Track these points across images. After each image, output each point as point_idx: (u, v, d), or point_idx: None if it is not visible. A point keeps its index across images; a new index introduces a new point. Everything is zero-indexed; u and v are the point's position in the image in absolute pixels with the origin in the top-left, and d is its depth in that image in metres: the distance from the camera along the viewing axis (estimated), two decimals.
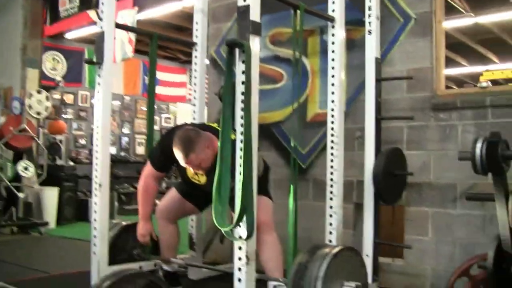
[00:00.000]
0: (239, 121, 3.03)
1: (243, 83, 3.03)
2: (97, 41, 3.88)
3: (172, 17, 10.60)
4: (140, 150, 13.85)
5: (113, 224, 4.41)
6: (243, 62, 3.04)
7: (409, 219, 4.64)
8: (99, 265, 3.73)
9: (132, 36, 7.94)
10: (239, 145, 3.02)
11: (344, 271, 3.23)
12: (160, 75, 13.77)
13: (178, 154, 3.67)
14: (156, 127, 13.82)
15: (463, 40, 9.88)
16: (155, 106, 14.18)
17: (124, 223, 4.58)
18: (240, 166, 2.98)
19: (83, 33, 10.96)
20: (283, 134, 5.41)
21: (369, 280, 3.89)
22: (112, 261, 3.91)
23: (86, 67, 12.38)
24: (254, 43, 3.10)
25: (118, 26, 4.31)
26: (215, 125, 4.02)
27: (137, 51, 11.90)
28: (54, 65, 11.96)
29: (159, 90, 13.92)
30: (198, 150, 3.64)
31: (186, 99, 14.44)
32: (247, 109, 2.99)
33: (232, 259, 5.05)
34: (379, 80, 4.38)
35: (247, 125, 2.98)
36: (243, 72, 3.04)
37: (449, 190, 4.44)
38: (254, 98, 3.07)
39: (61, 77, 11.25)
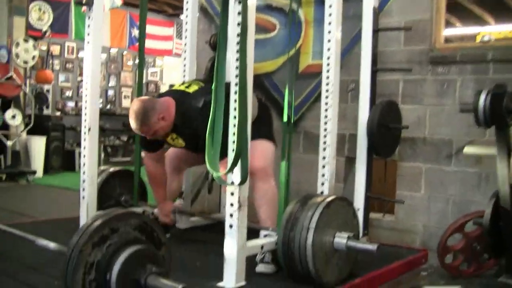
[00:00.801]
0: (234, 64, 2.92)
1: (238, 24, 2.91)
2: None
3: None
4: (126, 103, 13.68)
5: (100, 171, 4.32)
6: (239, 2, 2.92)
7: (402, 174, 4.58)
8: (88, 209, 3.64)
9: None
10: (234, 88, 2.92)
11: (336, 222, 3.18)
12: (147, 28, 13.52)
13: (132, 125, 3.61)
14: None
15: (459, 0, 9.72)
16: None
17: (111, 169, 4.51)
18: (235, 110, 2.89)
19: None
20: (274, 85, 5.30)
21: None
22: (100, 208, 3.81)
23: (72, 18, 12.19)
24: None
25: None
26: (183, 86, 3.92)
27: (124, 2, 11.74)
28: (40, 15, 11.76)
29: (146, 43, 13.70)
30: (151, 123, 3.57)
31: (173, 53, 14.28)
32: (243, 52, 2.87)
33: (220, 209, 5.10)
34: (376, 31, 4.26)
35: (242, 70, 2.87)
36: (239, 13, 2.92)
37: (444, 146, 4.38)
38: (250, 40, 2.95)
39: (49, 27, 11.06)
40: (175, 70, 13.76)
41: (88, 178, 3.63)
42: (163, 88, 15.02)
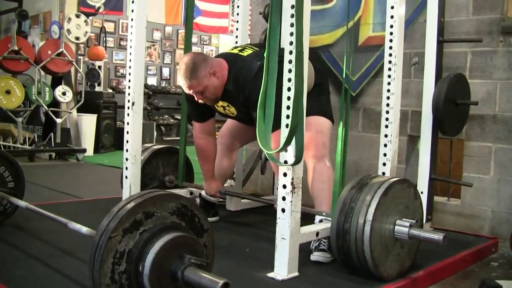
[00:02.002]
0: (288, 29, 2.64)
1: None
2: None
3: None
4: None
5: (143, 148, 4.12)
6: None
7: (469, 155, 4.22)
8: (131, 189, 3.45)
9: None
10: (288, 57, 2.63)
11: (396, 208, 2.86)
12: (201, 4, 13.37)
13: (180, 80, 3.39)
14: None
15: None
16: (196, 38, 14.02)
17: (155, 146, 4.28)
18: (289, 81, 2.60)
19: None
20: (331, 59, 5.00)
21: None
22: (142, 189, 3.65)
23: None
24: None
25: None
26: (236, 50, 3.65)
27: None
28: None
29: (201, 20, 13.54)
30: (201, 76, 3.33)
31: (229, 31, 14.00)
32: (299, 16, 2.59)
33: (273, 191, 4.85)
34: None
35: (298, 34, 2.58)
36: None
37: None
38: (306, 4, 2.66)
39: (102, 4, 10.94)
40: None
41: (131, 157, 3.44)
42: None
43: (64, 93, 8.24)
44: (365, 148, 4.57)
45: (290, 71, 2.61)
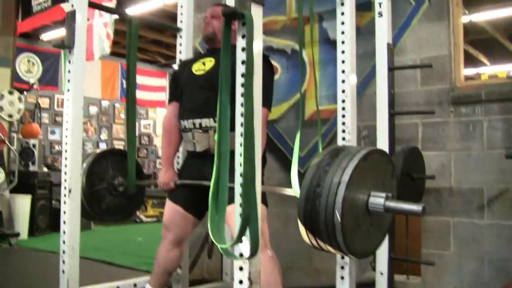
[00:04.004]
0: (239, 109, 2.43)
1: (243, 62, 2.44)
2: (67, 22, 3.28)
3: (152, 16, 10.07)
4: None
5: (87, 154, 3.88)
6: (243, 37, 2.45)
7: (427, 230, 4.06)
8: (69, 285, 3.13)
9: (110, 31, 7.34)
10: (239, 139, 2.41)
11: (373, 180, 2.51)
12: (139, 79, 13.14)
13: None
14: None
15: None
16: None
17: (98, 150, 3.99)
18: (241, 165, 2.38)
19: (60, 34, 10.42)
20: (277, 135, 4.81)
21: None
22: (90, 191, 3.65)
23: (62, 70, 11.78)
24: (257, 13, 2.50)
25: (92, 4, 3.68)
26: None
27: (115, 53, 11.40)
28: (30, 67, 11.42)
29: (138, 94, 13.31)
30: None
31: (166, 104, 13.86)
32: (248, 94, 2.39)
33: (222, 276, 4.56)
34: (392, 69, 3.79)
35: (248, 114, 2.37)
36: (243, 49, 2.44)
37: (474, 197, 3.88)
38: (257, 81, 2.47)
39: (37, 80, 10.67)
40: None
41: (68, 249, 3.13)
42: (157, 140, 14.63)
43: None
44: None
45: (240, 155, 2.39)
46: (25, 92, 9.55)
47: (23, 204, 8.44)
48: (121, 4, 8.73)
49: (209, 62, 3.45)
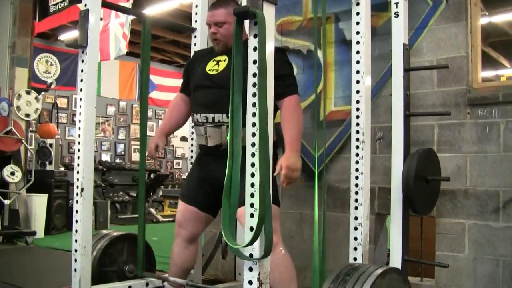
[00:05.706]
0: (251, 110, 2.42)
1: (255, 62, 2.43)
2: (80, 21, 3.31)
3: (168, 16, 10.08)
4: (136, 157, 13.26)
5: (102, 235, 3.81)
6: (255, 36, 2.44)
7: (441, 232, 4.00)
8: (81, 284, 3.13)
9: (127, 31, 7.35)
10: (251, 140, 2.40)
11: None
12: (156, 79, 13.31)
13: (210, 8, 3.44)
14: (151, 134, 13.33)
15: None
16: (151, 112, 13.84)
17: (115, 233, 3.94)
18: (253, 166, 2.36)
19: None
20: None
21: None
22: (100, 277, 3.50)
23: None
24: (269, 12, 2.49)
25: (106, 4, 3.69)
26: None
27: (133, 54, 11.44)
28: (48, 67, 11.55)
29: (155, 95, 13.44)
30: (229, 8, 3.23)
31: None
32: (261, 94, 2.38)
33: (236, 276, 4.55)
34: (407, 70, 3.77)
35: (262, 114, 2.36)
36: (255, 49, 2.43)
37: (489, 199, 3.82)
38: (270, 80, 2.45)
39: (54, 80, 10.72)
40: (187, 122, 13.10)
41: (80, 248, 3.13)
42: (174, 141, 14.63)
43: (12, 173, 7.88)
44: (331, 229, 4.30)
45: (253, 155, 2.37)
46: (43, 92, 9.58)
47: (39, 203, 8.49)
48: (138, 4, 8.76)
49: (223, 62, 3.43)
